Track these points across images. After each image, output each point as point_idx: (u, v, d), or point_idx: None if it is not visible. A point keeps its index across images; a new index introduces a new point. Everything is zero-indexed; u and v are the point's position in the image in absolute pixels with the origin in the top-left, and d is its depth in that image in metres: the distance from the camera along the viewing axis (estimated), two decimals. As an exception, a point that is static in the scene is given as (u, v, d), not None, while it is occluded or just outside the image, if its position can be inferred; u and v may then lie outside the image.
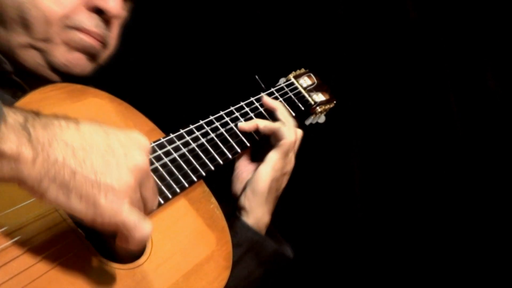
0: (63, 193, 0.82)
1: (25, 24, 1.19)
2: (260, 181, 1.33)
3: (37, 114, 0.85)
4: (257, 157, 1.41)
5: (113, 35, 1.30)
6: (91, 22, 1.23)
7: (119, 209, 0.85)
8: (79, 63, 1.25)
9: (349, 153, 2.28)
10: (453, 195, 2.15)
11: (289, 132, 1.37)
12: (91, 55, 1.27)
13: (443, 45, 2.23)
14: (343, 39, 2.30)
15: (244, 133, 1.39)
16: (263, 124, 1.39)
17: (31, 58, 1.22)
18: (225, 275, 1.13)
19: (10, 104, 0.94)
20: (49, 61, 1.23)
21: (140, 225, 0.87)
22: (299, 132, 1.43)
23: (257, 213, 1.34)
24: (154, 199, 0.95)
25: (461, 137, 2.17)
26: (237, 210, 1.35)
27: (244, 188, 1.37)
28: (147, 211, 0.95)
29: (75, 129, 0.85)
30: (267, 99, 1.47)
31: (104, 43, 1.28)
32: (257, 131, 1.40)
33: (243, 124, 1.38)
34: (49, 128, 0.83)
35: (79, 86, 1.22)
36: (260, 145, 1.40)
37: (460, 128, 2.18)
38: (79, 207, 0.84)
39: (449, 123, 2.20)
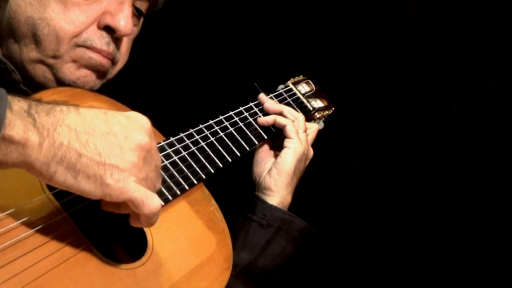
0: (71, 175, 0.85)
1: (37, 40, 1.21)
2: (287, 161, 1.41)
3: (39, 100, 0.88)
4: (277, 145, 1.49)
5: (123, 51, 1.32)
6: (101, 40, 1.25)
7: (125, 187, 0.88)
8: (88, 80, 1.27)
9: (349, 152, 2.28)
10: (453, 194, 2.15)
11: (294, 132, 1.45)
12: (100, 72, 1.28)
13: (443, 45, 2.22)
14: (343, 39, 2.31)
15: (244, 138, 1.41)
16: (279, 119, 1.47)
17: (41, 73, 1.24)
18: (225, 276, 1.14)
19: None
20: (58, 77, 1.25)
21: (148, 201, 0.90)
22: (314, 128, 1.55)
23: (282, 193, 1.41)
24: (156, 177, 0.97)
25: (461, 136, 2.17)
26: (261, 191, 1.43)
27: (268, 170, 1.44)
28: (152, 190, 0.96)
29: (76, 113, 0.88)
30: (270, 104, 1.50)
31: (113, 61, 1.29)
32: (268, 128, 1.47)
33: (262, 119, 1.47)
34: (52, 114, 0.85)
35: (79, 90, 1.24)
36: (278, 136, 1.48)
37: (460, 128, 2.18)
38: (88, 188, 0.87)
39: (449, 122, 2.20)
